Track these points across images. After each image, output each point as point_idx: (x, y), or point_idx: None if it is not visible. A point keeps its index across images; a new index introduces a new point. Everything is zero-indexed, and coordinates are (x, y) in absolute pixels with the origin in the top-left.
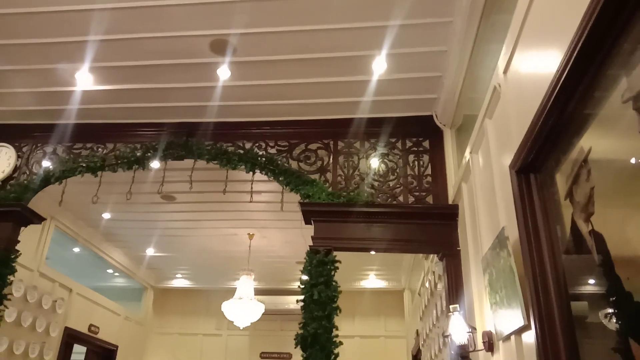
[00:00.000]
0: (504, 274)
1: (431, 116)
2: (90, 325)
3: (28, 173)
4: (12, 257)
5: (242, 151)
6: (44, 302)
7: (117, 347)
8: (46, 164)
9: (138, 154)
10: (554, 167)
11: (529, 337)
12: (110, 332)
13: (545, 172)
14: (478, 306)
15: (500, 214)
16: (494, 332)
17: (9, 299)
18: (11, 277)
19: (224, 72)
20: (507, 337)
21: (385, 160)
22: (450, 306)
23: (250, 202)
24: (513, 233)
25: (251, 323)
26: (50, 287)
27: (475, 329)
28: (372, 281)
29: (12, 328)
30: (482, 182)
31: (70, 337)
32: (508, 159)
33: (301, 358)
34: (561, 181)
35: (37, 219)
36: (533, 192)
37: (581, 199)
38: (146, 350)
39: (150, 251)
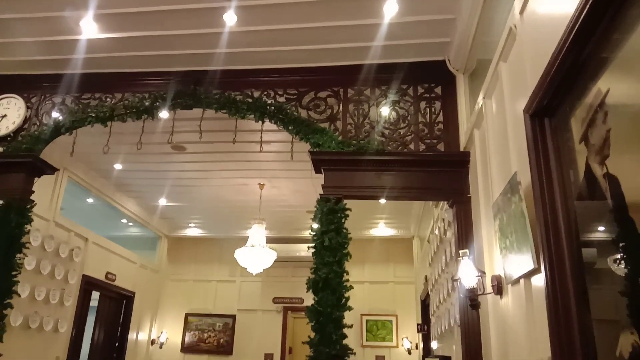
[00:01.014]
0: (515, 219)
1: (444, 61)
2: (107, 273)
3: (38, 124)
4: (28, 207)
5: (250, 100)
6: (61, 250)
7: (134, 293)
8: (55, 114)
9: (147, 104)
10: (569, 111)
11: (539, 281)
12: (126, 279)
13: (559, 116)
14: (487, 251)
15: (512, 160)
16: (503, 276)
17: (28, 247)
18: (28, 227)
19: (230, 18)
20: (517, 281)
21: (396, 107)
22: (460, 251)
23: (260, 152)
24: (525, 178)
25: (263, 270)
26: (67, 236)
27: (484, 273)
28: (382, 229)
29: (33, 275)
30: (494, 128)
31: (89, 284)
32: (522, 103)
33: (313, 302)
34: (576, 125)
35: (50, 169)
36: (547, 136)
37: (597, 142)
38: (162, 296)
39: (162, 201)
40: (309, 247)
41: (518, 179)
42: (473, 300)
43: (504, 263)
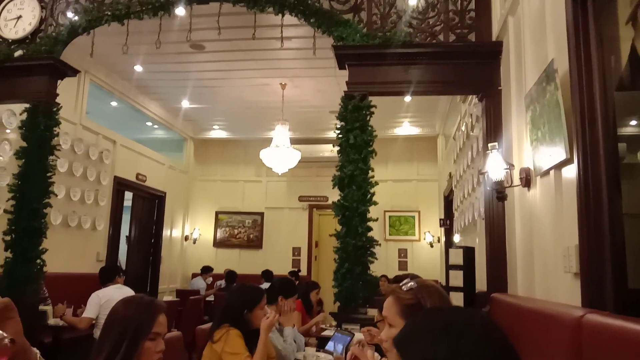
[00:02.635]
0: (549, 109)
1: None
2: (138, 174)
3: (54, 25)
4: (54, 109)
5: None
6: (91, 153)
7: (164, 193)
8: (70, 14)
9: None
10: None
11: (570, 172)
12: (157, 180)
13: None
14: (517, 145)
15: (549, 47)
16: (532, 168)
17: (59, 150)
18: (57, 129)
19: None
20: (546, 172)
21: None
22: (489, 144)
23: (281, 48)
24: (563, 65)
25: (288, 169)
26: (95, 139)
27: (512, 165)
28: (406, 128)
29: (66, 177)
30: (531, 13)
31: (121, 185)
32: None
33: (339, 197)
34: (623, 6)
35: (71, 71)
36: (589, 19)
37: None
38: (192, 196)
39: (185, 103)
40: (333, 145)
41: (555, 66)
42: (500, 192)
43: (534, 155)
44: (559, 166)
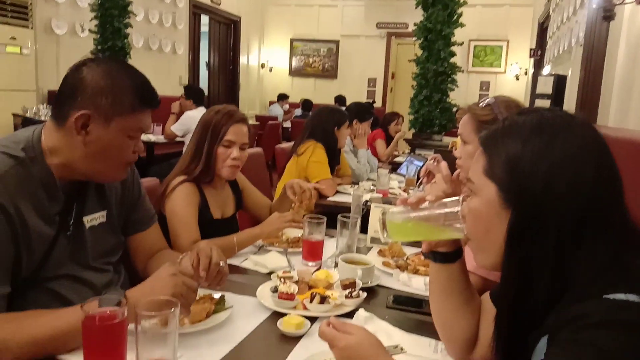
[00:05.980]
0: None
1: None
2: None
3: None
4: None
5: None
6: None
7: (239, 17)
8: None
9: None
10: None
11: None
12: (231, 3)
13: None
14: None
15: None
16: None
17: None
18: None
19: None
20: None
21: None
22: None
23: None
24: None
25: None
26: None
27: None
28: None
29: None
30: None
31: (196, 8)
32: None
33: (422, 18)
34: None
35: None
36: None
37: None
38: (266, 22)
39: None
40: None
41: None
42: (608, 11)
43: None
44: None
